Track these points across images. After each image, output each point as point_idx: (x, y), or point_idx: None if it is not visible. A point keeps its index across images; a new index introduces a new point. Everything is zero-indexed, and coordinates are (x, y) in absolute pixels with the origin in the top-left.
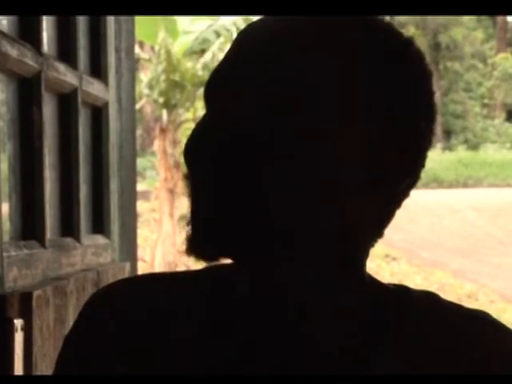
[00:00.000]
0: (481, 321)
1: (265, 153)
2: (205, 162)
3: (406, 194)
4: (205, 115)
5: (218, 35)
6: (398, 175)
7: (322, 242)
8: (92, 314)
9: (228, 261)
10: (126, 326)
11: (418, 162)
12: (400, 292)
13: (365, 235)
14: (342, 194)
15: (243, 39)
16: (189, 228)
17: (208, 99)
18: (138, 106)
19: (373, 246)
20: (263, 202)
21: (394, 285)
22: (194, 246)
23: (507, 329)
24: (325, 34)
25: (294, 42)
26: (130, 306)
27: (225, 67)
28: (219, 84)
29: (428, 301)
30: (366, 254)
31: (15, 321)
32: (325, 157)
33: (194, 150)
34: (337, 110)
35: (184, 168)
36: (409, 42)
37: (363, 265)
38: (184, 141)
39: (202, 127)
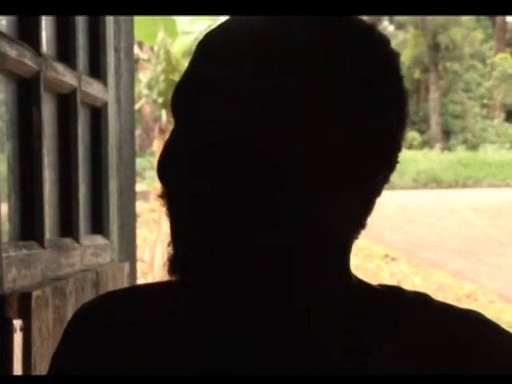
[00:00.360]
0: (478, 322)
1: (255, 153)
2: (184, 169)
3: (386, 181)
4: (181, 122)
5: None
6: (380, 165)
7: (319, 241)
8: (86, 316)
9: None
10: (121, 330)
11: (396, 148)
12: (395, 293)
13: (351, 229)
14: (330, 191)
15: (217, 42)
16: (175, 246)
17: (183, 105)
18: (137, 107)
19: (356, 238)
20: (258, 204)
21: (386, 286)
22: (185, 260)
23: (503, 329)
24: (311, 33)
25: (282, 42)
26: (128, 312)
27: (200, 72)
28: (197, 88)
29: (422, 302)
30: (350, 250)
31: (14, 321)
32: (312, 155)
33: (174, 162)
34: (321, 109)
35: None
36: (372, 30)
37: (349, 262)
38: None
39: (179, 135)
